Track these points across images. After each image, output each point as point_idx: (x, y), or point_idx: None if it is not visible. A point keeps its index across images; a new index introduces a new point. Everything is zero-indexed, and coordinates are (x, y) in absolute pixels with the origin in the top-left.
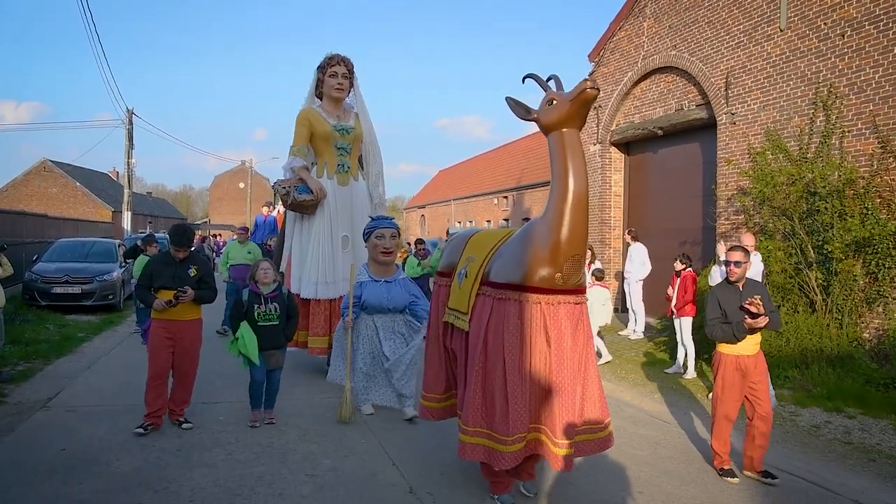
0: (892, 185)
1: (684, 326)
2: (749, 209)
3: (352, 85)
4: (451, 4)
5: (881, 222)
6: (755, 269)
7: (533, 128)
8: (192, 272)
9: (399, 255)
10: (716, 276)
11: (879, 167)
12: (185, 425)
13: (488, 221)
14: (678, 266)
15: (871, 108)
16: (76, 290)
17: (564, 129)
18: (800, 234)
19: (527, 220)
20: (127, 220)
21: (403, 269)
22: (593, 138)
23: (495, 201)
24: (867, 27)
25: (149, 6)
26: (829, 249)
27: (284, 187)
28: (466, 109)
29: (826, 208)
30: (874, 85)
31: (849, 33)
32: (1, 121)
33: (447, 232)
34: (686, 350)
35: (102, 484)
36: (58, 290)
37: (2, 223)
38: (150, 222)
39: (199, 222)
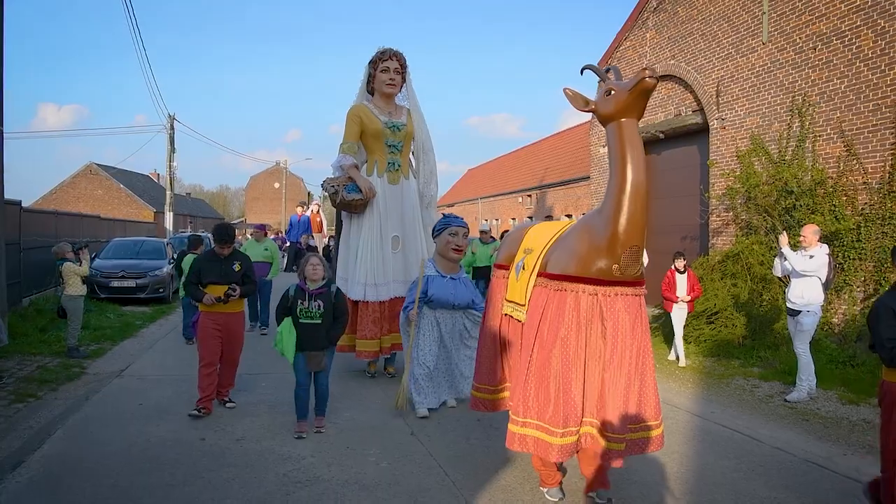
0: (855, 185)
1: (683, 319)
2: (736, 207)
3: (404, 80)
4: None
5: (846, 218)
6: (819, 261)
7: (559, 126)
8: (237, 267)
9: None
10: (778, 268)
11: (844, 169)
12: (228, 404)
13: (513, 219)
14: (680, 264)
15: (838, 115)
16: (131, 283)
17: (623, 119)
18: (778, 230)
19: (549, 217)
20: (169, 220)
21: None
22: (602, 141)
23: (520, 200)
24: (835, 42)
25: (184, 11)
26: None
27: (333, 186)
28: (496, 107)
29: (800, 206)
30: (840, 94)
31: (819, 47)
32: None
33: (482, 232)
34: (679, 341)
35: (174, 426)
36: (115, 283)
37: (65, 224)
38: (190, 222)
39: (235, 221)
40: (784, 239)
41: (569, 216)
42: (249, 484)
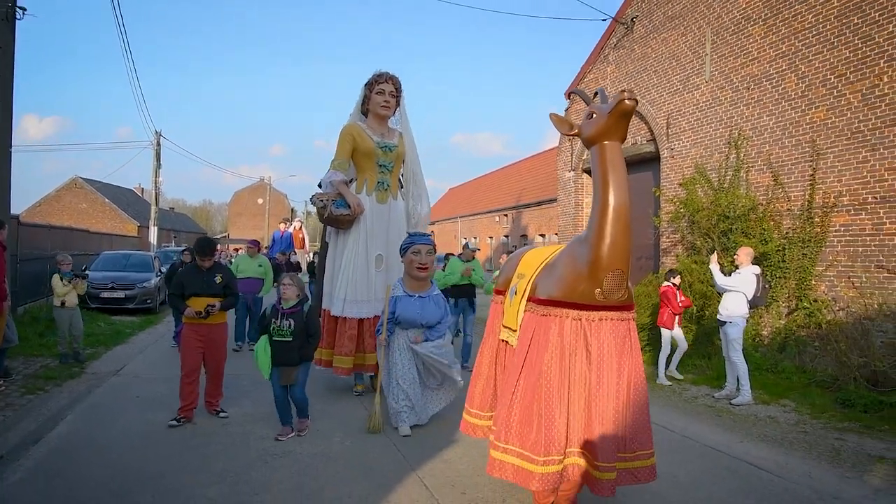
0: (780, 212)
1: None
2: (682, 229)
3: (398, 104)
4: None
5: (773, 240)
6: (742, 279)
7: (538, 147)
8: (218, 279)
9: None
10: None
11: (772, 196)
12: (221, 415)
13: (490, 238)
14: (677, 281)
15: (767, 148)
16: (121, 294)
17: (605, 142)
18: (717, 251)
19: (524, 237)
20: (154, 234)
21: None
22: (568, 166)
23: (497, 219)
24: (764, 83)
25: (168, 15)
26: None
27: (322, 200)
28: (480, 126)
29: (735, 229)
30: (769, 130)
31: (752, 87)
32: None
33: (465, 246)
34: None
35: (168, 414)
36: (105, 294)
37: (57, 237)
38: (174, 237)
39: (217, 236)
40: (713, 258)
41: (542, 236)
42: (235, 455)
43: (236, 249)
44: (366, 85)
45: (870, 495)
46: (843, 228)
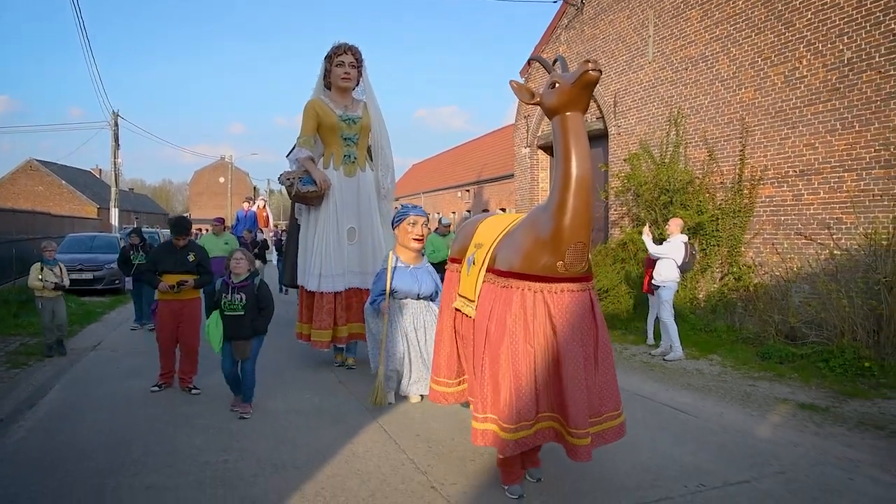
0: (714, 185)
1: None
2: (628, 202)
3: (360, 75)
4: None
5: (707, 211)
6: (671, 247)
7: (502, 122)
8: (191, 258)
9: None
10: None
11: (707, 171)
12: (193, 391)
13: (453, 213)
14: None
15: (703, 126)
16: (89, 276)
17: (567, 113)
18: (659, 222)
19: (485, 211)
20: (115, 216)
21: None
22: (524, 142)
23: (459, 194)
24: (700, 64)
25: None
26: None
27: (289, 179)
28: (444, 100)
29: (675, 201)
30: (704, 109)
31: (689, 68)
32: None
33: (439, 221)
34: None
35: (148, 382)
36: (74, 276)
37: (19, 221)
38: (136, 218)
39: (171, 217)
40: (645, 229)
41: (503, 210)
42: (215, 411)
43: (199, 229)
44: (325, 58)
45: (769, 429)
46: (768, 199)
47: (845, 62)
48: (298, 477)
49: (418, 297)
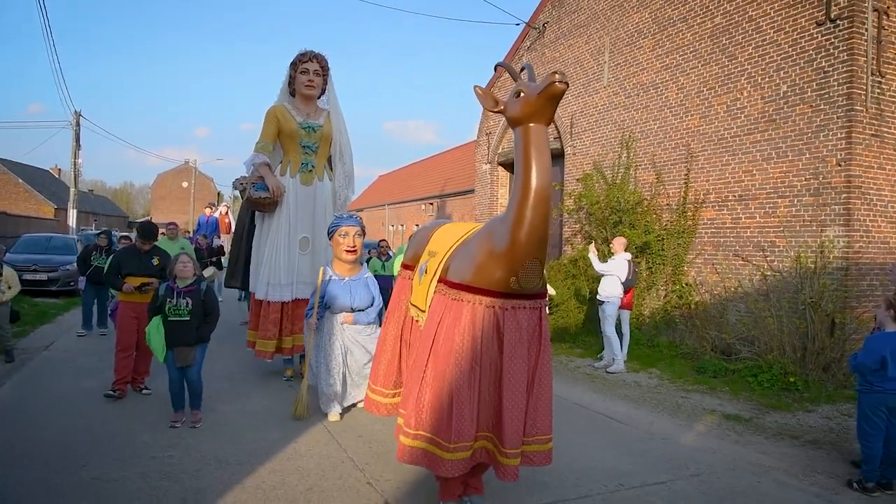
0: (661, 206)
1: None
2: (581, 220)
3: (325, 83)
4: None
5: (654, 231)
6: (614, 265)
7: (466, 137)
8: (156, 261)
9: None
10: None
11: (655, 192)
12: (144, 391)
13: (417, 225)
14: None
15: (652, 149)
16: (43, 277)
17: (531, 125)
18: (609, 240)
19: None
20: (73, 217)
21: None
22: (485, 158)
23: (423, 207)
24: (651, 91)
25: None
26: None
27: (242, 184)
28: (412, 113)
29: (624, 221)
30: (654, 133)
31: (641, 94)
32: None
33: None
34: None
35: (101, 381)
36: (28, 276)
37: None
38: (94, 220)
39: (139, 220)
40: (591, 247)
41: None
42: (164, 412)
43: (161, 233)
44: (290, 65)
45: (693, 437)
46: (709, 222)
47: (781, 95)
48: (241, 472)
49: (352, 310)
